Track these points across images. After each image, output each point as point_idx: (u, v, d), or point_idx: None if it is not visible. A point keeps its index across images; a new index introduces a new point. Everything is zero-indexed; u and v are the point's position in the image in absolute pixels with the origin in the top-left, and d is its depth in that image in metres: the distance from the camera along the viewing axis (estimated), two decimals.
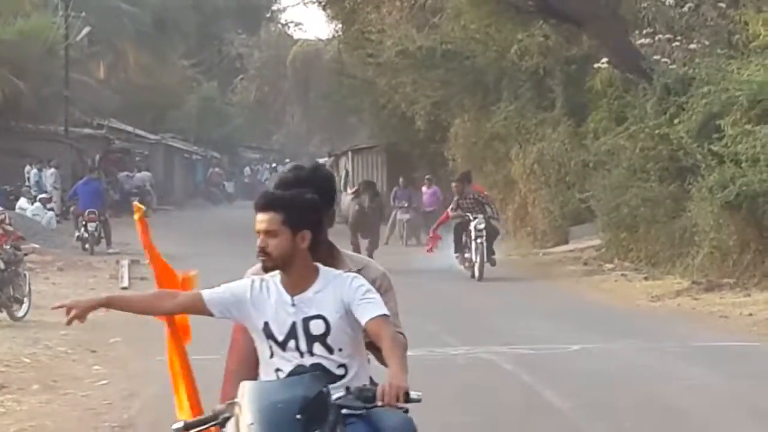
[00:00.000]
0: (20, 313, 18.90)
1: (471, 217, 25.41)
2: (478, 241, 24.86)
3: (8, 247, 18.91)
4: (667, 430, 11.14)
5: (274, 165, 70.95)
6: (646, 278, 24.69)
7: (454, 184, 27.63)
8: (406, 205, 41.03)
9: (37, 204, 37.85)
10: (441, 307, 20.82)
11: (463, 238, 25.65)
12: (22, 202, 37.03)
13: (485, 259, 24.95)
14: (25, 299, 19.11)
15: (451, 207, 26.60)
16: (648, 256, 26.23)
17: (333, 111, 65.29)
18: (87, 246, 33.49)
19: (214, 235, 40.21)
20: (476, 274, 24.91)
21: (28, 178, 45.44)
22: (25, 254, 20.23)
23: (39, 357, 15.71)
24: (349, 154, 55.35)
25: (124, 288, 26.39)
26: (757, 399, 12.03)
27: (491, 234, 25.42)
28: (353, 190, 28.43)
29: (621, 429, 10.90)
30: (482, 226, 24.90)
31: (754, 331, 17.51)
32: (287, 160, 76.98)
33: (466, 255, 25.50)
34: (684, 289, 22.31)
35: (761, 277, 21.84)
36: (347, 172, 55.63)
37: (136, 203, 7.88)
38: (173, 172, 68.05)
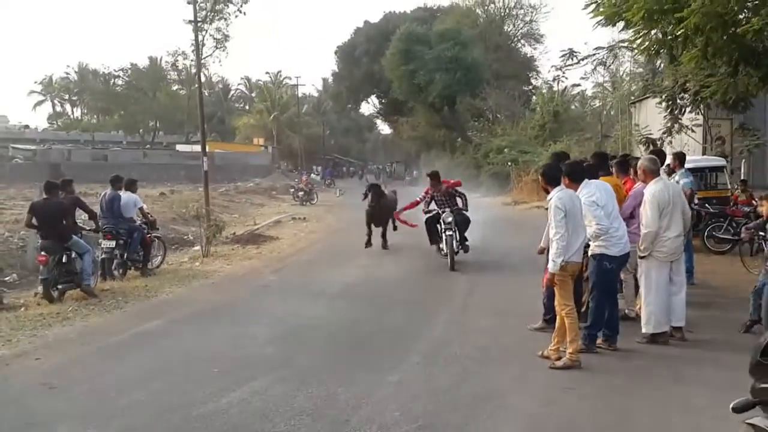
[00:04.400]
0: (153, 265, 17.13)
1: (440, 211, 17.31)
2: (448, 233, 16.72)
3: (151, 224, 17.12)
4: (511, 232, 14.97)
5: (377, 167, 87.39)
6: None
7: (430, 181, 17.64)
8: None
9: (314, 175, 54.72)
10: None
11: (439, 230, 17.55)
12: (312, 175, 51.64)
13: (456, 249, 16.91)
14: (157, 257, 17.58)
15: (426, 200, 17.65)
16: None
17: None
18: (304, 199, 39.12)
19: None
20: (449, 264, 16.45)
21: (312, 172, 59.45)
22: (157, 236, 17.68)
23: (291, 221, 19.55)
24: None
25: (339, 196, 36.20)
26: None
27: (462, 224, 17.19)
28: (363, 192, 20.88)
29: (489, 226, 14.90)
30: (450, 219, 16.81)
31: None
32: (379, 165, 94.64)
33: (441, 245, 17.51)
34: None
35: None
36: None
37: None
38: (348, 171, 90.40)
